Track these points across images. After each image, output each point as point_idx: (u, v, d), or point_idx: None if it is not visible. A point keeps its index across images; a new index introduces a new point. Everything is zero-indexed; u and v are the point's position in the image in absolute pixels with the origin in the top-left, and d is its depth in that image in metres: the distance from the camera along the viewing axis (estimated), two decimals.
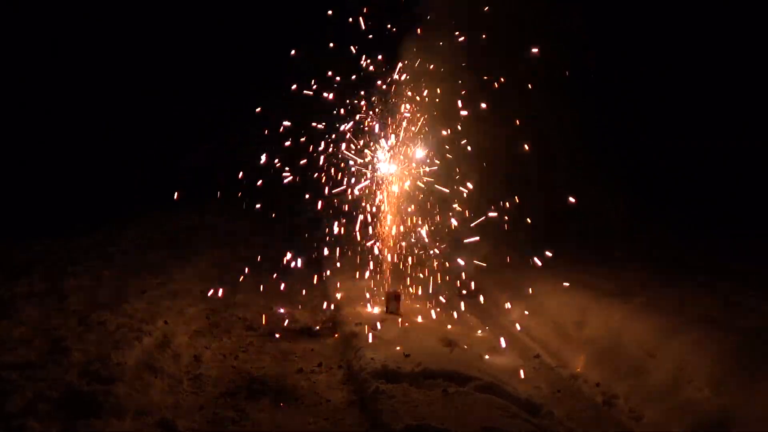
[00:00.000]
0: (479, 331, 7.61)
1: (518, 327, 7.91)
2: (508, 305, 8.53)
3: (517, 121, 9.98)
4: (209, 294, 8.46)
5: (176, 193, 10.72)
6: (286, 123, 8.34)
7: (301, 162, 8.43)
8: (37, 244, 10.36)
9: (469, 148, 8.44)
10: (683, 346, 5.75)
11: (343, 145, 8.19)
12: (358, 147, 8.15)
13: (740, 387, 4.96)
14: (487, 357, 6.55)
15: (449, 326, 7.55)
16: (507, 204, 8.93)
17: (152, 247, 11.36)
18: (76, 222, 12.29)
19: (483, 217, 8.40)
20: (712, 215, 11.11)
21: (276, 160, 8.36)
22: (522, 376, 6.21)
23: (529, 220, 9.17)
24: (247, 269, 9.59)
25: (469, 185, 8.23)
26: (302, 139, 8.35)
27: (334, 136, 8.25)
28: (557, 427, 5.11)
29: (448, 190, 8.23)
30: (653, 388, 5.59)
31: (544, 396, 5.80)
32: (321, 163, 8.38)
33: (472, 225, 8.48)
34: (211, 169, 17.24)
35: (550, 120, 12.17)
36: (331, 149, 8.32)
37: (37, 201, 13.47)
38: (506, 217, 8.90)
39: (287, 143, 8.30)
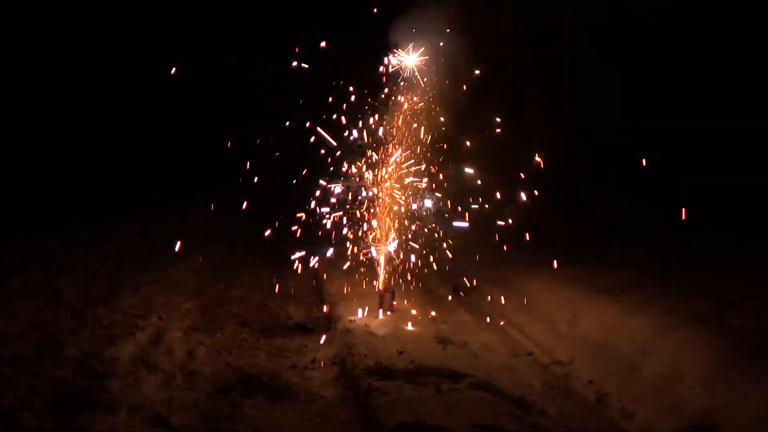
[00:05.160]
0: (472, 328, 7.62)
1: (511, 324, 7.93)
2: (501, 302, 8.56)
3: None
4: (204, 290, 8.46)
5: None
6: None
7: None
8: (33, 242, 10.32)
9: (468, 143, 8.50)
10: (676, 344, 5.79)
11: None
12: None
13: (733, 386, 4.99)
14: (480, 354, 6.57)
15: (443, 323, 7.57)
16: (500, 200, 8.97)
17: (147, 243, 11.35)
18: (73, 221, 12.24)
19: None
20: (706, 215, 11.13)
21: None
22: (515, 373, 6.24)
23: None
24: (241, 266, 9.59)
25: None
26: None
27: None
28: (550, 425, 5.12)
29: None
30: (646, 386, 5.62)
31: (537, 393, 5.80)
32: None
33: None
34: (210, 168, 17.26)
35: (547, 118, 12.23)
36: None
37: (34, 201, 13.39)
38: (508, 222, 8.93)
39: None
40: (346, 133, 8.31)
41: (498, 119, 8.51)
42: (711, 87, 13.00)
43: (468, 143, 8.66)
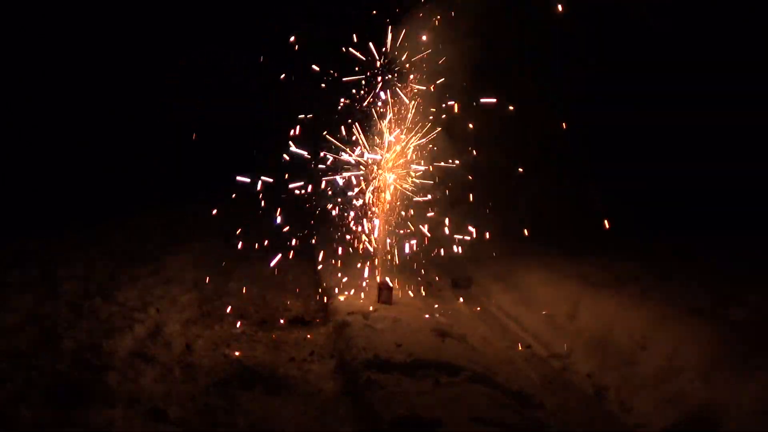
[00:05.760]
0: (471, 321, 7.62)
1: (510, 317, 7.93)
2: (500, 296, 8.55)
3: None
4: (202, 283, 8.46)
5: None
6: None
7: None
8: (33, 242, 10.27)
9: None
10: (674, 337, 5.77)
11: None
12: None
13: (731, 379, 4.98)
14: (478, 347, 6.56)
15: (441, 317, 7.56)
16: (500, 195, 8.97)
17: (146, 237, 11.35)
18: (73, 221, 12.22)
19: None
20: (705, 210, 11.12)
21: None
22: (513, 366, 6.23)
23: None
24: (240, 258, 9.58)
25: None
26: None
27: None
28: (548, 418, 5.12)
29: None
30: (644, 379, 5.62)
31: (535, 387, 5.81)
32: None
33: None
34: (209, 167, 17.24)
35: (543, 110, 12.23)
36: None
37: (34, 201, 13.37)
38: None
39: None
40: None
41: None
42: (711, 86, 13.00)
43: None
